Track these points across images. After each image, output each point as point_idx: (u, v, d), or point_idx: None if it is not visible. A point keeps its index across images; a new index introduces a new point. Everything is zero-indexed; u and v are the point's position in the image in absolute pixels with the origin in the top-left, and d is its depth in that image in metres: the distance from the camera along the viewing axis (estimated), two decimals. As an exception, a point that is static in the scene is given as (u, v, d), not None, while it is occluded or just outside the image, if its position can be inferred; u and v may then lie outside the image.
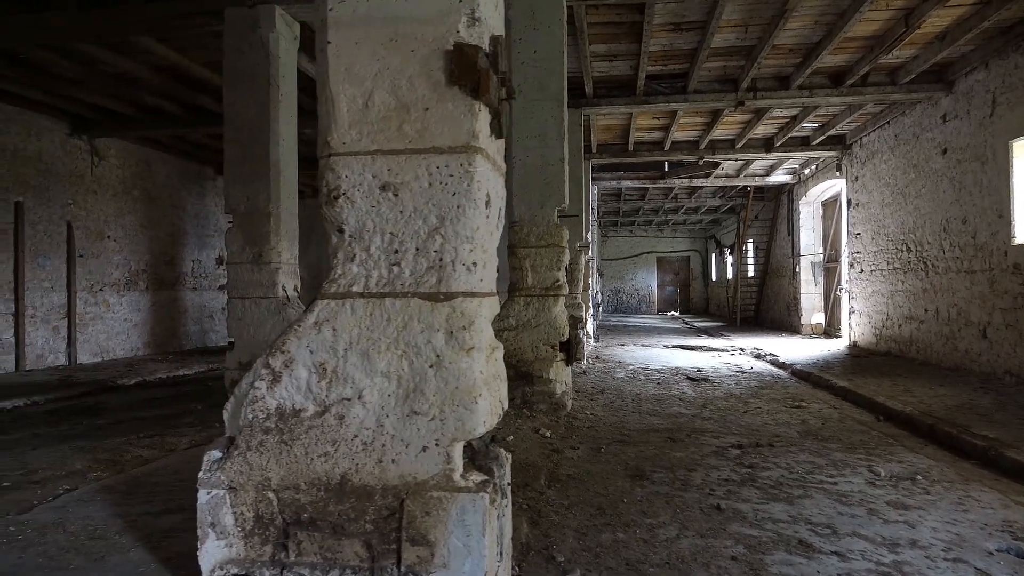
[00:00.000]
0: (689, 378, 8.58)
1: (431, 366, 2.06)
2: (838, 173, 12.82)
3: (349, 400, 2.09)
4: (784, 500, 3.73)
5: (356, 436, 2.09)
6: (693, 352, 12.32)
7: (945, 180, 9.04)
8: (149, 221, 11.96)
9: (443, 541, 2.03)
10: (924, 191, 9.63)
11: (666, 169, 14.75)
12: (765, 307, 18.95)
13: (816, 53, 8.01)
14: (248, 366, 6.19)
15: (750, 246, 19.68)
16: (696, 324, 20.36)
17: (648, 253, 29.61)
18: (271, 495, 2.14)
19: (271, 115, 6.30)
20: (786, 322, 16.74)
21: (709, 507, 3.58)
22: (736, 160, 13.97)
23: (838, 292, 14.22)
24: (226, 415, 2.23)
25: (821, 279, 15.35)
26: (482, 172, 2.07)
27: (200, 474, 2.17)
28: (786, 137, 12.09)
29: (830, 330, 14.85)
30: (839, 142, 12.44)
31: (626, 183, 15.53)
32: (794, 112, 10.97)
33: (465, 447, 2.14)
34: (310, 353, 2.11)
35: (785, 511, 3.54)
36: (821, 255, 15.37)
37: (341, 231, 2.12)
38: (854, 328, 12.37)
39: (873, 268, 11.51)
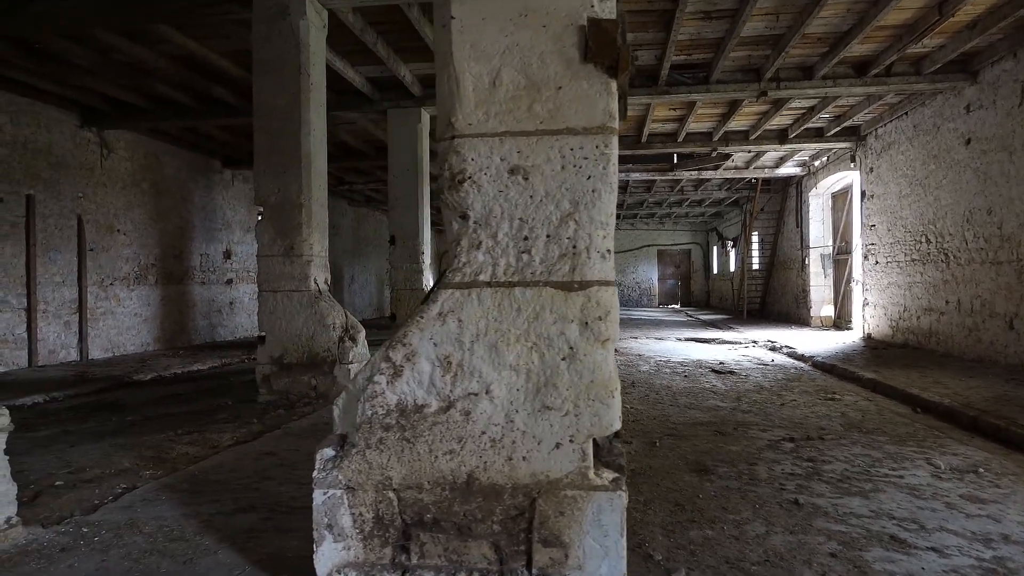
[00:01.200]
0: (714, 371, 8.51)
1: (564, 359, 1.96)
2: (852, 164, 12.77)
3: (476, 395, 1.99)
4: (857, 494, 3.66)
5: (484, 433, 1.99)
6: (707, 345, 12.25)
7: (968, 171, 8.99)
8: (158, 214, 11.77)
9: (578, 542, 1.94)
10: (945, 182, 9.58)
11: (675, 161, 14.66)
12: (771, 299, 18.92)
13: (845, 42, 7.92)
14: (280, 361, 6.09)
15: (755, 238, 19.64)
16: (701, 317, 20.31)
17: (649, 246, 29.55)
18: (391, 495, 2.03)
19: (302, 104, 6.16)
20: (794, 314, 16.71)
21: (787, 502, 3.50)
22: (749, 152, 13.89)
23: (850, 284, 14.19)
24: (335, 411, 2.12)
25: (831, 271, 15.32)
26: (615, 155, 1.97)
27: (315, 474, 2.06)
28: (801, 128, 12.02)
29: (840, 322, 14.83)
30: (853, 133, 12.38)
31: (635, 175, 15.42)
32: (812, 103, 10.89)
33: (592, 443, 2.04)
34: (434, 346, 2.01)
35: (864, 506, 3.46)
36: (831, 247, 15.33)
37: (464, 217, 2.02)
38: (868, 320, 12.34)
39: (889, 260, 11.47)
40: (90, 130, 10.22)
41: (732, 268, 23.49)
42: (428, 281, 10.39)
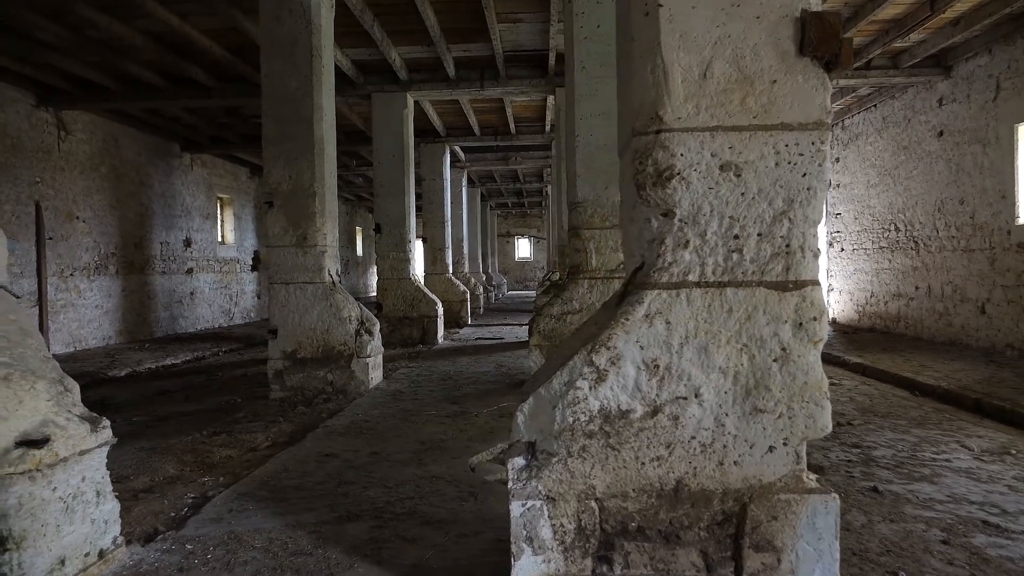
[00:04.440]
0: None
1: (775, 360, 1.92)
2: (818, 154, 13.14)
3: (685, 399, 1.93)
4: (922, 480, 3.77)
5: (694, 437, 1.93)
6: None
7: (941, 162, 9.37)
8: (117, 200, 11.13)
9: (791, 546, 1.91)
10: (916, 172, 9.97)
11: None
12: (728, 285, 19.39)
13: (837, 35, 8.10)
14: (293, 356, 5.85)
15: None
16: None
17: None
18: (594, 504, 1.95)
19: (314, 88, 5.89)
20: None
21: (866, 490, 3.57)
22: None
23: (810, 270, 14.66)
24: (520, 418, 2.02)
25: (790, 258, 15.80)
26: (829, 151, 1.92)
27: (510, 485, 1.96)
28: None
29: (800, 307, 15.30)
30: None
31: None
32: (787, 94, 11.12)
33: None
34: (640, 349, 1.93)
35: (936, 491, 3.57)
36: (791, 234, 15.80)
37: (667, 215, 1.94)
38: (833, 305, 12.78)
39: (856, 247, 11.90)
40: (46, 110, 9.55)
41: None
42: (415, 270, 10.19)
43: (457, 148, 14.76)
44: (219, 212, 14.77)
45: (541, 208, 30.88)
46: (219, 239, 14.68)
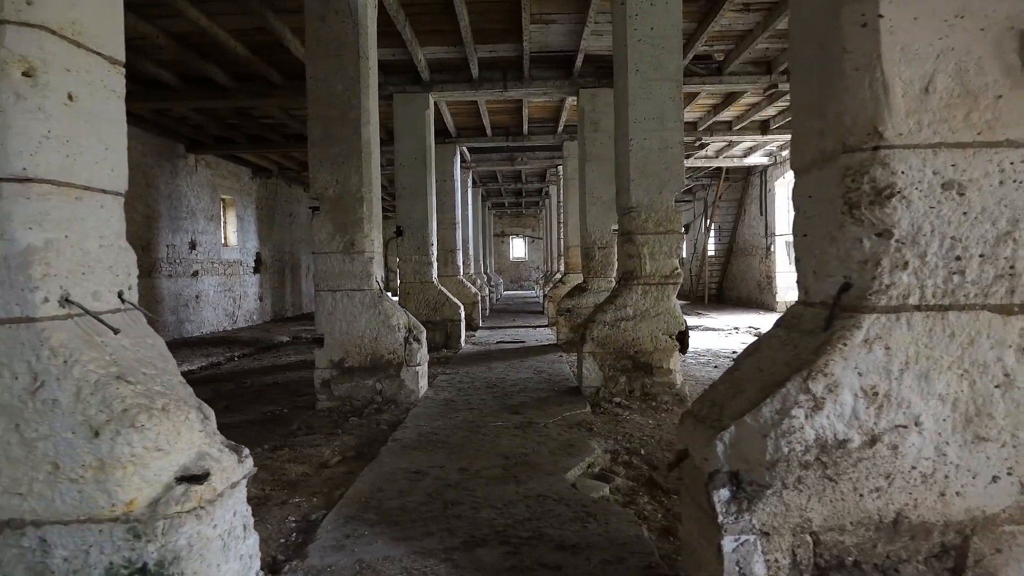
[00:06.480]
0: (737, 360, 8.60)
1: (997, 386, 1.84)
2: (829, 155, 13.18)
3: (904, 427, 1.85)
4: None
5: (914, 467, 1.85)
6: (694, 332, 12.42)
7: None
8: (126, 202, 10.83)
9: (1013, 579, 1.83)
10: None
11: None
12: (729, 285, 19.47)
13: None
14: (340, 364, 5.71)
15: (711, 226, 20.11)
16: (659, 302, 20.67)
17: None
18: (808, 538, 1.87)
19: (361, 90, 5.75)
20: (756, 299, 17.25)
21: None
22: (730, 142, 14.14)
23: (818, 270, 14.72)
24: (720, 447, 1.93)
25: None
26: (1054, 169, 1.85)
27: (720, 519, 1.86)
28: (785, 120, 12.31)
29: (806, 307, 15.37)
30: (832, 125, 12.77)
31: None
32: (804, 95, 11.13)
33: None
34: (858, 376, 1.84)
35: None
36: (796, 234, 15.86)
37: (882, 234, 1.85)
38: (844, 305, 12.84)
39: None
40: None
41: (685, 255, 24.00)
42: (436, 274, 10.05)
43: (464, 149, 14.63)
44: (222, 213, 14.51)
45: (538, 208, 30.79)
46: (222, 241, 14.42)
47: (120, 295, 2.28)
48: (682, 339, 5.88)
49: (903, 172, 1.84)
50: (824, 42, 2.00)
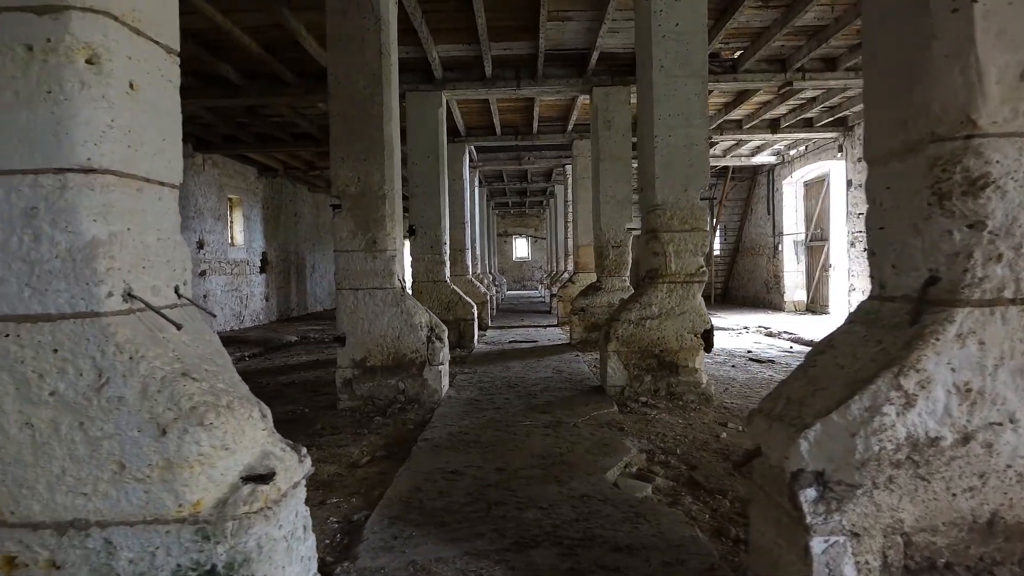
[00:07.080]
0: (754, 360, 8.56)
1: (1093, 382, 1.79)
2: (839, 154, 13.17)
3: (999, 425, 1.79)
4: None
5: (1009, 466, 1.80)
6: (707, 332, 12.38)
7: None
8: (135, 202, 10.77)
9: (1111, 581, 1.78)
10: None
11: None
12: (735, 284, 19.43)
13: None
14: (362, 364, 5.65)
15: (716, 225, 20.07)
16: (664, 302, 20.63)
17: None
18: (899, 539, 1.81)
19: (383, 87, 5.69)
20: (764, 299, 17.20)
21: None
22: (739, 140, 14.09)
23: (826, 270, 14.70)
24: (804, 445, 1.87)
25: (804, 257, 15.84)
26: None
27: (808, 519, 1.81)
28: (796, 119, 12.28)
29: (814, 307, 15.36)
30: (842, 124, 12.76)
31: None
32: (816, 93, 11.11)
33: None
34: (951, 371, 1.79)
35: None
36: (804, 234, 15.83)
37: (975, 226, 1.80)
38: (854, 304, 12.80)
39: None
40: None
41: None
42: (448, 273, 9.99)
43: (471, 148, 14.58)
44: (229, 213, 14.43)
45: (541, 208, 30.72)
46: (229, 240, 14.34)
47: (176, 290, 2.21)
48: (707, 338, 5.82)
49: (998, 161, 1.79)
50: (907, 30, 1.94)
